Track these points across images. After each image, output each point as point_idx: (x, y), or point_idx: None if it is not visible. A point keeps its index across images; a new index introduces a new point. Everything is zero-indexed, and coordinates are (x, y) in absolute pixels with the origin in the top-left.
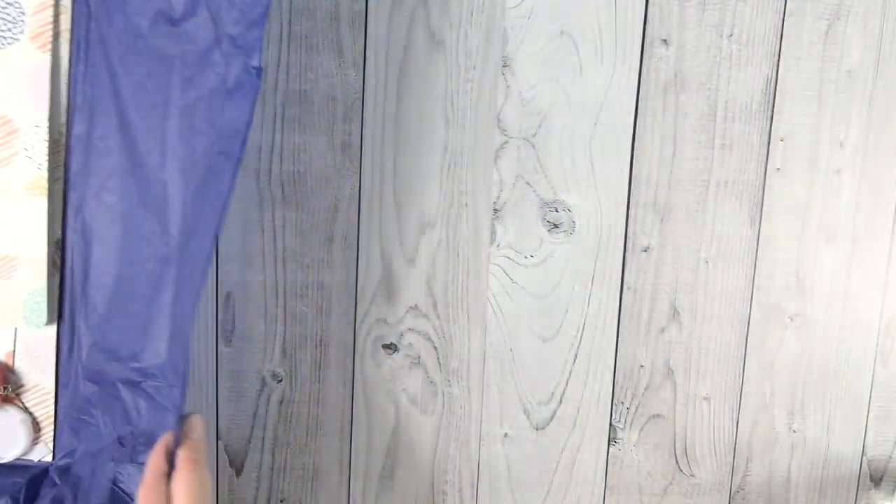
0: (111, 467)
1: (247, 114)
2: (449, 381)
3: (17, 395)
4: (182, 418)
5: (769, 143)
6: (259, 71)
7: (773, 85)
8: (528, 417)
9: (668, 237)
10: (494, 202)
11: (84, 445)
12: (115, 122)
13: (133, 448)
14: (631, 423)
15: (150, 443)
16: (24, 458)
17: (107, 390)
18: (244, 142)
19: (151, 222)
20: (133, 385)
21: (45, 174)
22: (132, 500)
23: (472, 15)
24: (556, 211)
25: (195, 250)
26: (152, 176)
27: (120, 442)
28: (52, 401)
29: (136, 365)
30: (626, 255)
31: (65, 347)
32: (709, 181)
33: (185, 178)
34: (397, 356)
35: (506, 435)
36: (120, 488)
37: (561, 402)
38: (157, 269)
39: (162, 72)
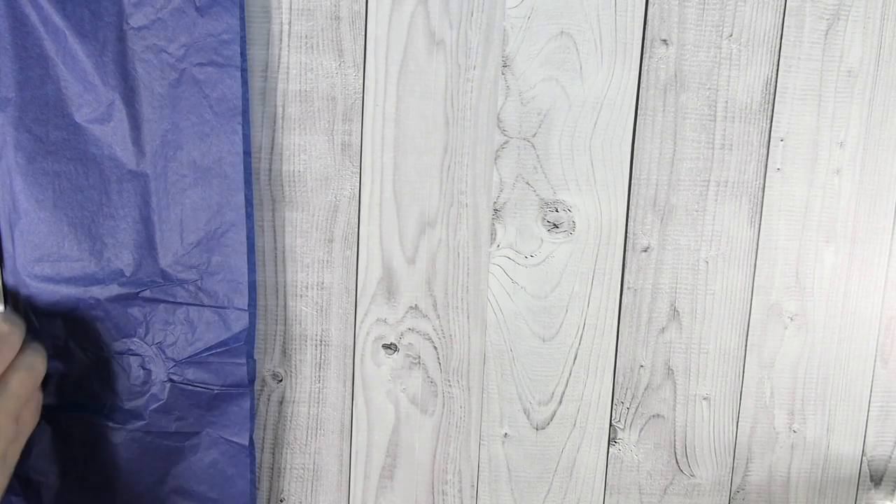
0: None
1: (229, 26)
2: (449, 381)
3: None
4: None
5: (769, 143)
6: None
7: (773, 85)
8: (528, 417)
9: (668, 237)
10: (494, 202)
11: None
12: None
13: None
14: (631, 423)
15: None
16: None
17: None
18: (242, 54)
19: (99, 144)
20: (130, 298)
21: None
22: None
23: (472, 15)
24: (556, 211)
25: (196, 156)
26: (101, 98)
27: (161, 349)
28: None
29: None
30: (626, 255)
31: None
32: (709, 181)
33: (150, 92)
34: (397, 356)
35: (506, 435)
36: (175, 381)
37: (561, 402)
38: (118, 187)
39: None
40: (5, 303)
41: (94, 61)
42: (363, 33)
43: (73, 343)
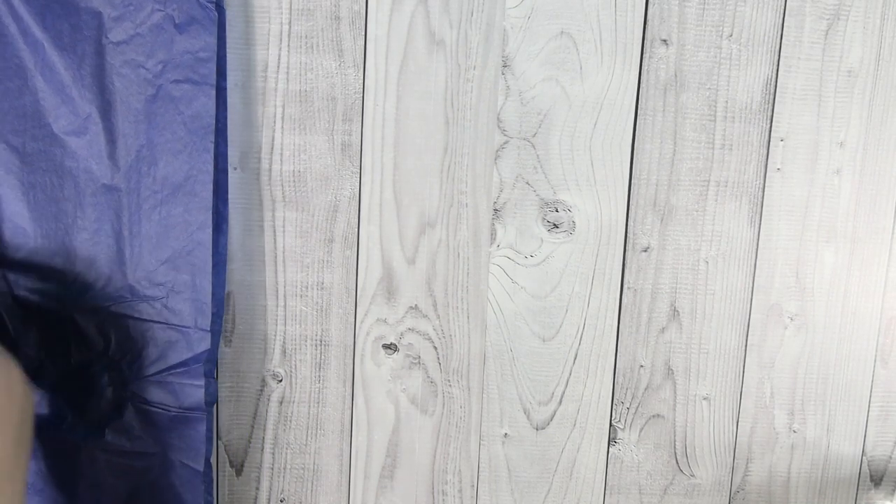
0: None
1: (206, 44)
2: (449, 381)
3: None
4: None
5: (769, 143)
6: (217, 6)
7: (773, 85)
8: (528, 417)
9: (668, 237)
10: (494, 202)
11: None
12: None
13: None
14: (631, 423)
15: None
16: None
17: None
18: (219, 71)
19: (75, 156)
20: (99, 312)
21: None
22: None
23: (472, 15)
24: (556, 211)
25: (168, 172)
26: (78, 110)
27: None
28: None
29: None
30: (626, 255)
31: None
32: (709, 181)
33: (126, 106)
34: (397, 356)
35: (506, 435)
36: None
37: (561, 402)
38: (92, 200)
39: (82, 13)
40: None
41: (73, 74)
42: (363, 33)
43: (44, 354)
